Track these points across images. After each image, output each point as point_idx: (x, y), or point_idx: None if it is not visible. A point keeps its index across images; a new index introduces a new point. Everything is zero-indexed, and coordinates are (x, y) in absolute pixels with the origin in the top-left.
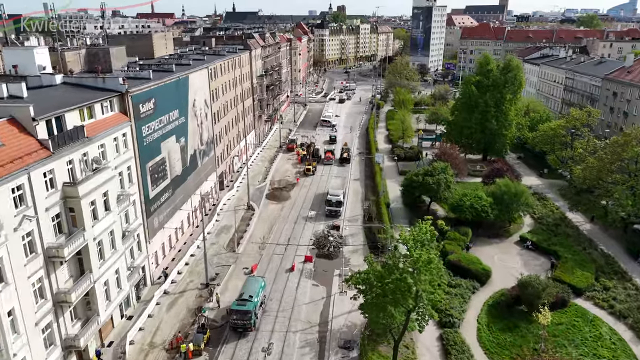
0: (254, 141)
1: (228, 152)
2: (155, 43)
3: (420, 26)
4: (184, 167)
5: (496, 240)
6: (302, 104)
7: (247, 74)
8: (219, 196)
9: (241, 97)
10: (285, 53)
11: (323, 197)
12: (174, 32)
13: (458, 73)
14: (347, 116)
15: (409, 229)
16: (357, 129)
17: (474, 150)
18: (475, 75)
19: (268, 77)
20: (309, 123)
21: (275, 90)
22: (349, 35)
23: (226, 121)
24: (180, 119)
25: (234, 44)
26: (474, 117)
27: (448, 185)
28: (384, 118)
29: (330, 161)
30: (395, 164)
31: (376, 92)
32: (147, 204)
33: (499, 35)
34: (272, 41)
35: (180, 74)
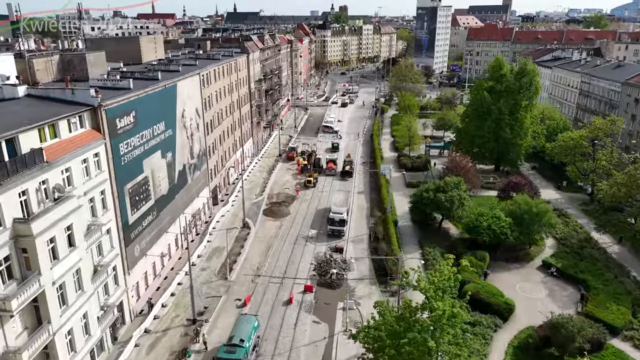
0: (252, 150)
1: (223, 164)
2: (143, 47)
3: (425, 27)
4: (171, 184)
5: (516, 265)
6: (303, 108)
7: (244, 78)
8: (212, 212)
9: (238, 104)
10: (285, 55)
11: (325, 213)
12: (173, 32)
13: (464, 75)
14: (350, 121)
15: (427, 274)
16: (361, 136)
17: (486, 160)
18: (487, 81)
19: (267, 81)
20: (310, 129)
21: (274, 95)
22: (351, 36)
23: (221, 130)
24: (167, 132)
25: (230, 47)
26: (486, 125)
27: (462, 203)
28: (389, 123)
29: (333, 171)
30: (401, 174)
31: (380, 95)
32: (126, 231)
33: (506, 36)
34: (272, 43)
35: (167, 82)
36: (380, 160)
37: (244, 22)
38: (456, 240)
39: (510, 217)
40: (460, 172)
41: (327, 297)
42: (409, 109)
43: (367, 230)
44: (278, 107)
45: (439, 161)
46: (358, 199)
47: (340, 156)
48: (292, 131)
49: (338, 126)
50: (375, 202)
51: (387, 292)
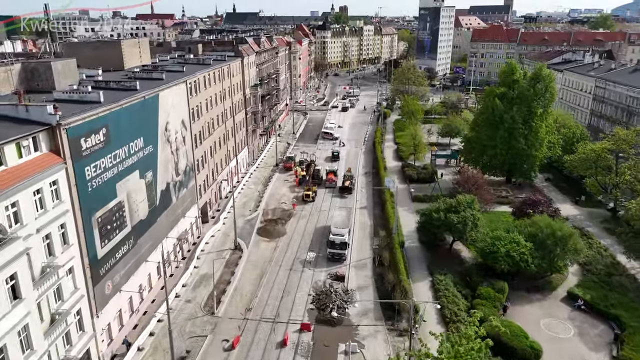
0: (247, 159)
1: (214, 177)
2: (125, 52)
3: (427, 28)
4: (151, 207)
5: (537, 295)
6: (302, 113)
7: (238, 84)
8: (201, 232)
9: (231, 112)
10: (283, 58)
11: (324, 232)
12: (170, 33)
13: (468, 77)
14: (351, 127)
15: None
16: (363, 143)
17: (496, 171)
18: (498, 87)
19: (264, 86)
20: (309, 135)
21: (272, 100)
22: (351, 37)
23: (212, 141)
24: (147, 149)
25: (223, 51)
26: (498, 134)
27: (475, 224)
28: (391, 129)
29: (333, 184)
30: (407, 186)
31: (382, 99)
32: (95, 268)
33: (512, 38)
34: (269, 46)
35: (147, 93)
36: (384, 171)
37: (243, 23)
38: (470, 266)
39: (530, 241)
40: (472, 188)
41: (327, 335)
42: (412, 114)
43: (370, 252)
44: (276, 112)
45: (445, 171)
46: (360, 215)
47: (341, 166)
48: (290, 138)
49: (338, 132)
50: (379, 219)
51: (395, 331)
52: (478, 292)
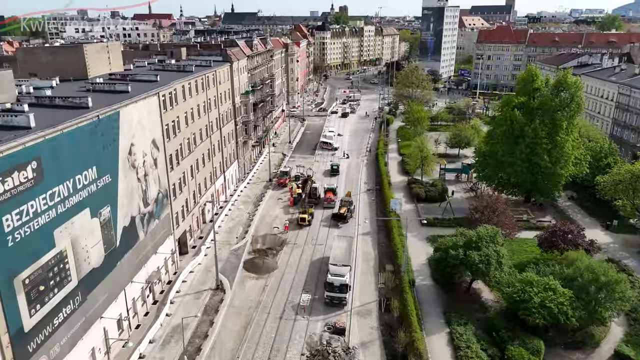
0: (237, 175)
1: (196, 200)
2: (89, 57)
3: (431, 28)
4: (109, 251)
5: (578, 354)
6: (299, 119)
7: (226, 92)
8: (177, 267)
9: (218, 124)
10: (279, 61)
11: (321, 267)
12: (165, 34)
13: (474, 80)
14: (352, 135)
15: None
16: (365, 153)
17: (515, 189)
18: (517, 96)
19: (257, 92)
20: (306, 144)
21: (266, 107)
22: (352, 38)
23: (193, 160)
24: (102, 180)
25: (210, 55)
26: (518, 149)
27: (500, 262)
28: (395, 137)
29: (332, 204)
30: (414, 206)
31: (383, 104)
32: (20, 344)
33: (520, 39)
34: (263, 49)
35: (104, 111)
36: (389, 187)
37: (242, 23)
38: (494, 314)
39: (566, 285)
40: (492, 215)
41: None
42: (418, 122)
43: (375, 293)
44: (270, 120)
45: (456, 188)
46: (363, 243)
47: (342, 182)
48: (286, 148)
49: (338, 142)
50: (385, 248)
51: None
52: (508, 354)
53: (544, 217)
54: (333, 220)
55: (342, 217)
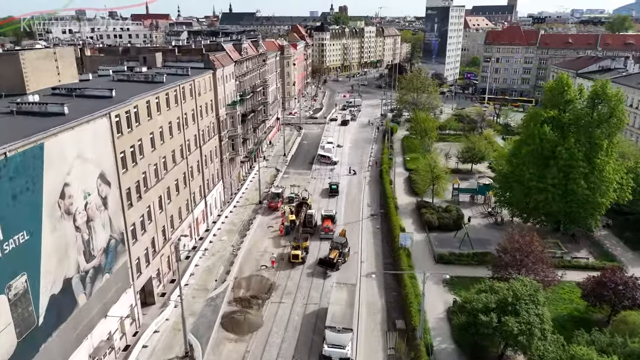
0: (222, 197)
1: (166, 237)
2: (28, 67)
3: (435, 29)
4: (27, 332)
5: None
6: (296, 127)
7: (209, 104)
8: (139, 325)
9: (197, 141)
10: (274, 65)
11: (316, 322)
12: (158, 35)
13: (481, 84)
14: (353, 146)
15: None
16: (367, 168)
17: (544, 218)
18: (545, 108)
19: (246, 102)
20: (303, 157)
21: (257, 118)
22: (352, 39)
23: (163, 189)
24: (12, 241)
25: (191, 61)
26: (549, 173)
27: (544, 329)
28: (400, 148)
29: (330, 234)
30: (425, 236)
31: (386, 110)
32: None
33: (530, 40)
34: (254, 52)
35: (13, 146)
36: (395, 212)
37: (239, 23)
38: None
39: None
40: (527, 260)
41: None
42: (425, 133)
43: None
44: (263, 131)
45: (472, 212)
46: (368, 288)
47: (341, 204)
48: (280, 161)
49: (338, 154)
50: (394, 296)
51: None
52: None
53: (579, 250)
54: (320, 266)
55: (332, 264)
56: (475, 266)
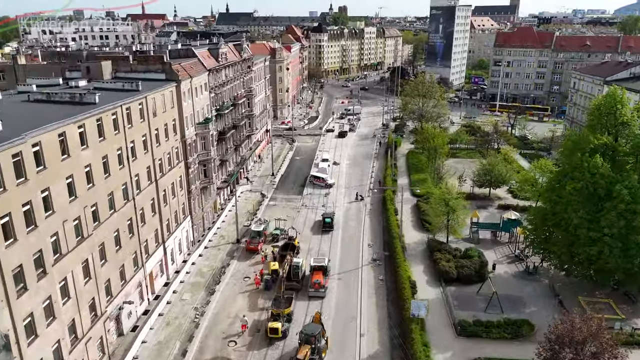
0: (190, 237)
1: (97, 313)
2: None
3: (440, 30)
4: None
5: None
6: (288, 140)
7: (170, 125)
8: None
9: (151, 174)
10: (263, 71)
11: None
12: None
13: (491, 90)
14: (351, 164)
15: None
16: (367, 192)
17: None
18: (593, 132)
19: (224, 117)
20: (293, 178)
21: (240, 133)
22: (351, 40)
23: (90, 249)
24: None
25: (148, 71)
26: (606, 219)
27: None
28: (405, 166)
29: (321, 291)
30: (441, 291)
31: (388, 120)
32: None
33: (545, 43)
34: (236, 57)
35: None
36: (403, 255)
37: (236, 24)
38: None
39: None
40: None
41: None
42: (435, 151)
43: None
44: (248, 147)
45: (497, 254)
46: None
47: (337, 243)
48: (267, 184)
49: (334, 174)
50: None
51: None
52: None
53: (638, 314)
54: None
55: None
56: (510, 341)
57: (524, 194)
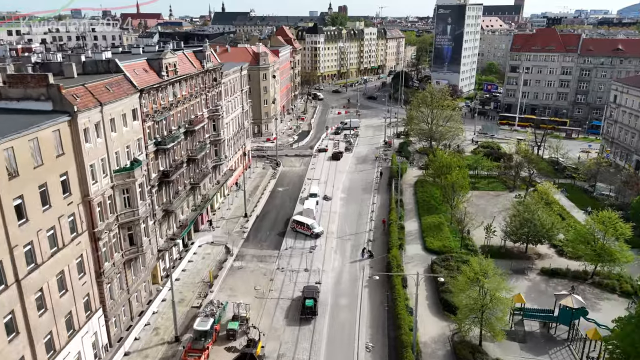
0: (104, 338)
1: None
2: None
3: (448, 31)
4: None
5: None
6: (272, 162)
7: (52, 185)
8: None
9: (3, 276)
10: (239, 82)
11: None
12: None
13: (505, 99)
14: (347, 198)
15: None
16: (366, 250)
17: None
18: None
19: (171, 151)
20: (271, 221)
21: (199, 167)
22: (350, 42)
23: None
24: None
25: (27, 98)
26: None
27: None
28: (413, 202)
29: None
30: None
31: (392, 137)
32: None
33: (569, 46)
34: (195, 68)
35: None
36: None
37: (232, 23)
38: None
39: None
40: None
41: None
42: (452, 190)
43: None
44: (214, 181)
45: None
46: None
47: (320, 341)
48: (235, 231)
49: (323, 216)
50: None
51: None
52: None
53: None
54: None
55: None
56: None
57: (575, 253)
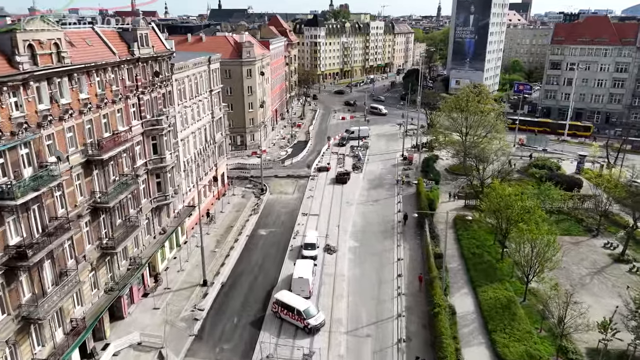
0: None
1: None
2: None
3: (471, 23)
4: None
5: None
6: (256, 189)
7: None
8: None
9: None
10: (208, 79)
11: None
12: None
13: (543, 101)
14: (359, 248)
15: None
16: (392, 342)
17: None
18: None
19: (19, 212)
20: (243, 295)
21: (122, 213)
22: (354, 37)
23: None
24: None
25: None
26: None
27: None
28: (458, 256)
29: None
30: None
31: (412, 151)
32: None
33: (626, 37)
34: (114, 55)
35: None
36: None
37: (229, 20)
38: None
39: None
40: None
41: None
42: (533, 254)
43: None
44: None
45: None
46: None
47: None
48: (183, 318)
49: (325, 281)
50: None
51: None
52: None
53: None
54: None
55: None
56: None
57: None
